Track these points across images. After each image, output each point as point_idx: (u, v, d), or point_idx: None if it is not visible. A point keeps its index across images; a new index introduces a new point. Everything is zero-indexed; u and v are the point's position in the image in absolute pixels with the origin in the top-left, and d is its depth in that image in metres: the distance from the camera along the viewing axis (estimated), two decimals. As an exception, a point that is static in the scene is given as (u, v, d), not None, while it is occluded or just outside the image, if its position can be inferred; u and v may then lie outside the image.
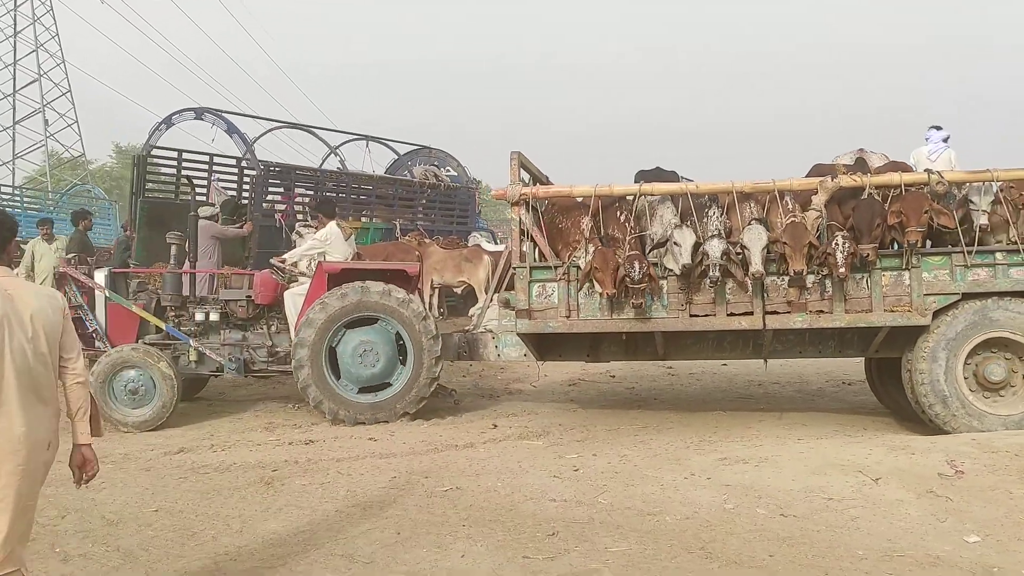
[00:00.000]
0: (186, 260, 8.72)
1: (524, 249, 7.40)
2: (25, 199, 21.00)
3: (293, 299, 8.28)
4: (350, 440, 7.11)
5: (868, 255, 6.68)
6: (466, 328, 8.79)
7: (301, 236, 10.86)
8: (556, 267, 7.24)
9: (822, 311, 6.95)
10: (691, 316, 7.09)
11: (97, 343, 8.27)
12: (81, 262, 8.69)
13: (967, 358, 6.84)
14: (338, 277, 8.07)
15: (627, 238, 7.13)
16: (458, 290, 13.51)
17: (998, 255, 6.82)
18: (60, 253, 11.14)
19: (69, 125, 47.30)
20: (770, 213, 7.09)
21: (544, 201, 7.64)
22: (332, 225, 8.63)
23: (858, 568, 4.06)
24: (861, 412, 8.54)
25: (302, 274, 8.51)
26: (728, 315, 7.04)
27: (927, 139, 8.76)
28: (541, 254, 7.54)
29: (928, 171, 7.00)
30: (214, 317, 8.30)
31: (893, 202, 6.79)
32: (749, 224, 6.89)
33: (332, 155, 14.48)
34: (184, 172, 12.02)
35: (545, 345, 7.91)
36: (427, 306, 11.43)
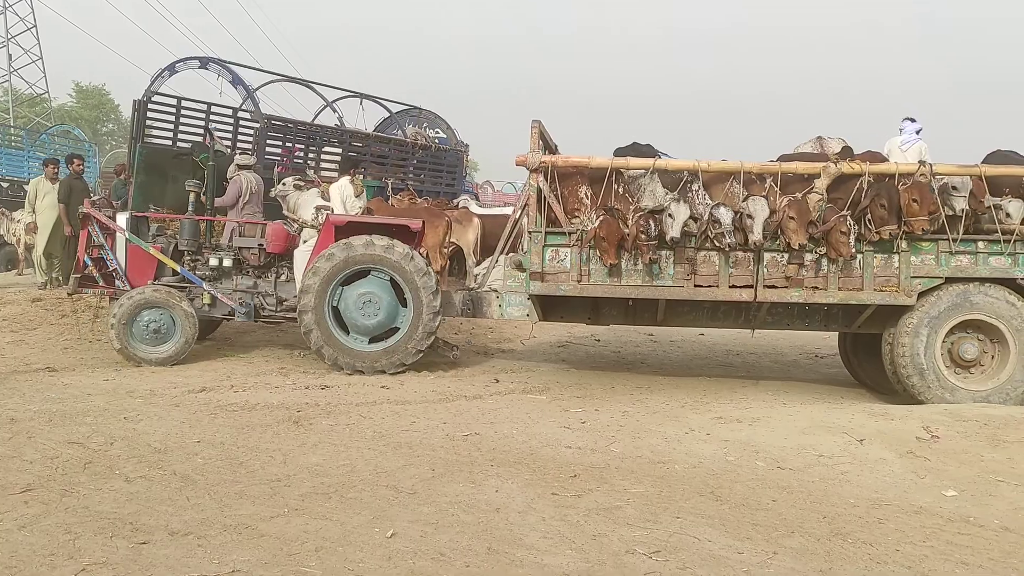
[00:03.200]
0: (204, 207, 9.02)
1: (533, 214, 7.68)
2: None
3: (302, 256, 8.61)
4: (363, 387, 7.46)
5: (894, 234, 7.22)
6: (471, 286, 9.11)
7: (294, 188, 11.04)
8: (570, 233, 7.60)
9: (816, 287, 7.48)
10: (695, 286, 7.55)
11: (117, 282, 8.61)
12: (105, 205, 8.94)
13: (945, 336, 7.43)
14: (345, 231, 8.38)
15: (632, 208, 7.47)
16: (446, 251, 13.81)
17: (980, 244, 7.40)
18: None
19: (33, 61, 46.38)
20: (752, 193, 7.49)
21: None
22: (343, 181, 9.00)
23: (851, 514, 4.56)
24: (834, 383, 9.12)
25: (312, 225, 8.87)
26: (730, 287, 7.51)
27: (901, 129, 9.31)
28: (550, 220, 7.79)
29: (921, 162, 7.47)
30: (227, 263, 8.69)
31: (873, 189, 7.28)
32: (750, 197, 7.34)
33: (329, 111, 14.60)
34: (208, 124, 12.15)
35: (549, 306, 8.32)
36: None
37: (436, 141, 16.35)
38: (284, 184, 10.94)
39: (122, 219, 8.73)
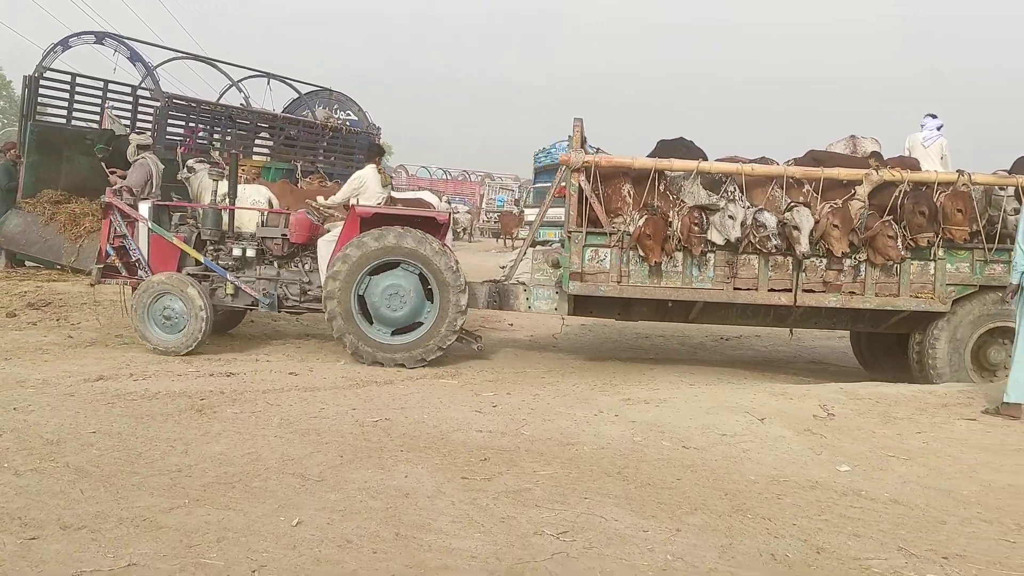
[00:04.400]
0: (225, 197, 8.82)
1: (576, 214, 7.71)
2: None
3: (326, 246, 8.43)
4: (271, 374, 7.31)
5: (931, 242, 7.37)
6: (497, 279, 8.91)
7: (193, 171, 10.70)
8: (611, 234, 7.64)
9: (854, 292, 7.59)
10: (735, 289, 7.68)
11: (140, 272, 8.43)
12: (127, 193, 8.69)
13: (977, 340, 7.66)
14: (370, 221, 8.19)
15: (675, 207, 7.55)
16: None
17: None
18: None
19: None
20: (791, 196, 7.60)
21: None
22: (369, 168, 8.80)
23: (751, 490, 4.71)
24: (738, 364, 9.39)
25: (334, 216, 8.80)
26: (769, 291, 7.60)
27: (923, 125, 9.24)
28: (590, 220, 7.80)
29: (960, 171, 7.55)
30: (251, 253, 8.49)
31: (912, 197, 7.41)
32: (795, 207, 7.39)
33: (235, 91, 14.19)
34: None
35: (580, 302, 8.28)
36: None
37: (347, 123, 16.11)
38: (190, 167, 10.61)
39: (144, 208, 8.50)
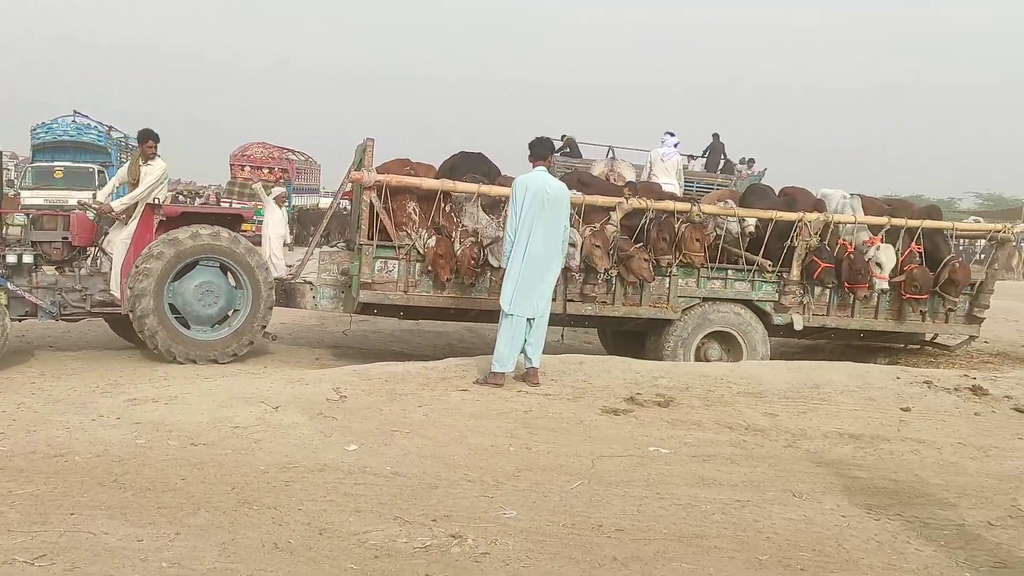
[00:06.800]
0: None
1: (365, 228, 8.19)
2: None
3: (122, 244, 8.25)
4: None
5: (671, 263, 8.55)
6: (283, 277, 9.19)
7: None
8: (399, 247, 8.22)
9: (605, 303, 8.70)
10: None
11: None
12: None
13: (699, 341, 9.00)
14: (173, 219, 8.29)
15: (458, 229, 8.27)
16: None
17: (729, 272, 9.00)
18: None
19: None
20: None
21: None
22: (162, 162, 8.51)
23: (260, 480, 4.66)
24: (260, 352, 9.28)
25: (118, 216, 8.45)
26: None
27: (663, 142, 10.87)
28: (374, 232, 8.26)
29: (692, 202, 8.82)
30: (27, 259, 7.96)
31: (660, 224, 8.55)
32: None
33: None
34: None
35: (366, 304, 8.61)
36: None
37: None
38: None
39: None
